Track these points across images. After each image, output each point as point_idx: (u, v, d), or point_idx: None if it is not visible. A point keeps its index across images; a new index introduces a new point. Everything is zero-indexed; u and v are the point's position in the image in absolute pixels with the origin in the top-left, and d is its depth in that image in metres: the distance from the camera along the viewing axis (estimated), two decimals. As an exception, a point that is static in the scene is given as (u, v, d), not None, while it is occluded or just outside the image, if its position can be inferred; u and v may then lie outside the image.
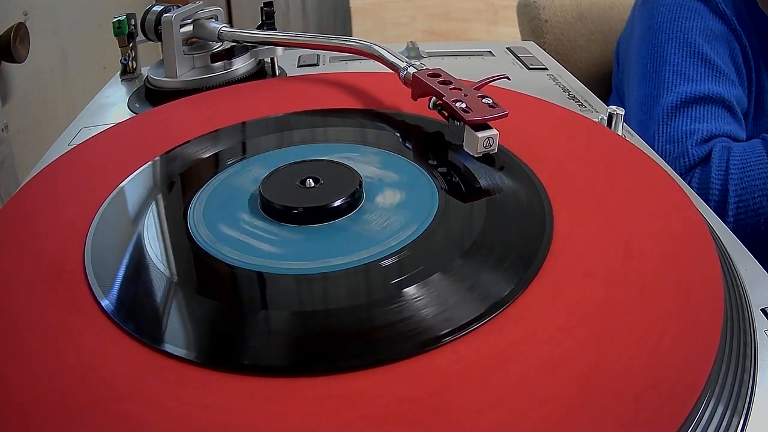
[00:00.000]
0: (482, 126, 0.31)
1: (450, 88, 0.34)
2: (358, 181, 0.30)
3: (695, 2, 0.66)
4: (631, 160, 0.33)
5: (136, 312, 0.24)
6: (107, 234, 0.28)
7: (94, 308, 0.24)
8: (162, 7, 0.49)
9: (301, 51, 0.58)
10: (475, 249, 0.26)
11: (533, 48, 0.60)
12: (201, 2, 0.51)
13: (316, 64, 0.55)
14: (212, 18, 0.51)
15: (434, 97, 0.34)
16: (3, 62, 0.67)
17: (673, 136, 0.60)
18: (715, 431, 0.19)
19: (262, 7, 0.51)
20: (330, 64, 0.56)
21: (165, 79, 0.48)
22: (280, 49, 0.50)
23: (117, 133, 0.39)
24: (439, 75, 0.36)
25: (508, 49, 0.60)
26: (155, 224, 0.29)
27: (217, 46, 0.50)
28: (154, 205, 0.31)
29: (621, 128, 0.38)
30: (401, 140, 0.36)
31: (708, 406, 0.20)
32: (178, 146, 0.36)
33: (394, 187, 0.30)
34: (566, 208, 0.28)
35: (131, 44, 0.53)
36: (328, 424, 0.19)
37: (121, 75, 0.54)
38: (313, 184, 0.30)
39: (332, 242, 0.27)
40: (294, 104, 0.40)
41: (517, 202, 0.29)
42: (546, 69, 0.54)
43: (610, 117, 0.38)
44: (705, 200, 0.48)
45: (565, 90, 0.49)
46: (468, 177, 0.31)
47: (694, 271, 0.24)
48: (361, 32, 1.78)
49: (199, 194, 0.31)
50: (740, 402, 0.21)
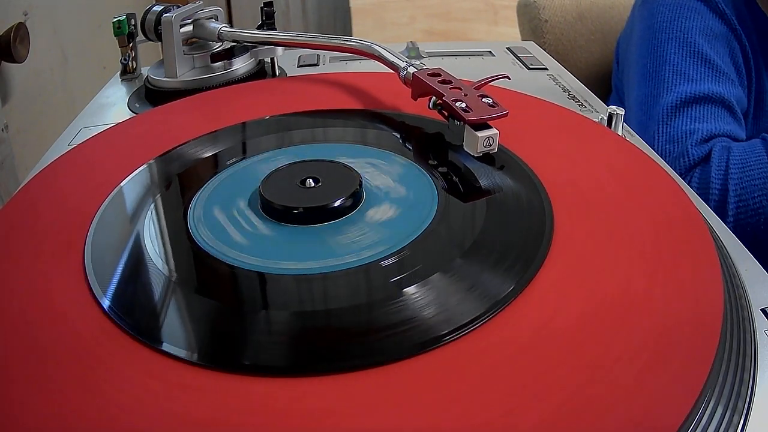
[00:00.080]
0: (482, 125, 0.31)
1: (450, 88, 0.34)
2: (358, 181, 0.30)
3: (695, 2, 0.66)
4: (631, 160, 0.33)
5: (135, 312, 0.24)
6: (107, 234, 0.28)
7: (94, 308, 0.24)
8: (162, 7, 0.49)
9: (301, 51, 0.58)
10: (475, 249, 0.26)
11: (533, 48, 0.60)
12: (201, 2, 0.51)
13: (316, 64, 0.55)
14: (212, 18, 0.51)
15: (434, 97, 0.34)
16: (3, 62, 0.67)
17: (673, 136, 0.60)
18: (715, 431, 0.19)
19: (262, 7, 0.51)
20: (330, 64, 0.56)
21: (165, 79, 0.48)
22: (280, 49, 0.50)
23: (117, 133, 0.39)
24: (439, 75, 0.36)
25: (508, 49, 0.60)
26: (155, 224, 0.29)
27: (217, 46, 0.50)
28: (153, 205, 0.31)
29: (621, 128, 0.38)
30: (401, 140, 0.36)
31: (708, 406, 0.20)
32: (177, 146, 0.36)
33: (394, 187, 0.31)
34: (566, 207, 0.28)
35: (131, 44, 0.53)
36: (328, 424, 0.19)
37: (121, 75, 0.54)
38: (313, 184, 0.30)
39: (332, 242, 0.27)
40: (294, 104, 0.40)
41: (517, 201, 0.29)
42: (546, 69, 0.54)
43: (610, 117, 0.38)
44: (705, 200, 0.48)
45: (565, 90, 0.49)
46: (468, 177, 0.31)
47: (694, 271, 0.25)
48: (361, 32, 1.78)
49: (198, 194, 0.31)
50: (740, 402, 0.21)
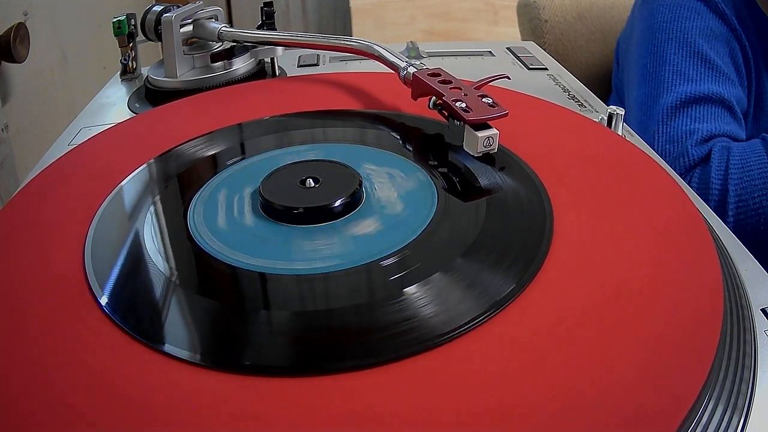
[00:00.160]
0: (482, 125, 0.31)
1: (450, 88, 0.34)
2: (358, 181, 0.30)
3: (695, 2, 0.66)
4: (631, 160, 0.33)
5: (136, 312, 0.24)
6: (107, 234, 0.28)
7: (94, 308, 0.24)
8: (162, 7, 0.49)
9: (301, 51, 0.58)
10: (475, 248, 0.26)
11: (533, 48, 0.60)
12: (201, 2, 0.51)
13: (316, 64, 0.55)
14: (212, 18, 0.51)
15: (434, 97, 0.34)
16: (3, 62, 0.67)
17: (673, 136, 0.60)
18: (715, 431, 0.19)
19: (262, 7, 0.51)
20: (330, 64, 0.56)
21: (165, 79, 0.48)
22: (280, 49, 0.50)
23: (117, 133, 0.39)
24: (439, 74, 0.36)
25: (508, 49, 0.60)
26: (155, 224, 0.29)
27: (217, 46, 0.50)
28: (153, 205, 0.31)
29: (621, 128, 0.38)
30: (401, 140, 0.36)
31: (708, 406, 0.20)
32: (177, 146, 0.36)
33: (394, 187, 0.31)
34: (566, 207, 0.28)
35: (131, 44, 0.53)
36: (328, 424, 0.19)
37: (121, 75, 0.54)
38: (313, 184, 0.30)
39: (332, 242, 0.27)
40: (294, 104, 0.40)
41: (517, 201, 0.29)
42: (546, 69, 0.54)
43: (610, 117, 0.38)
44: (705, 200, 0.48)
45: (565, 90, 0.49)
46: (468, 176, 0.31)
47: (694, 270, 0.25)
48: (361, 32, 1.78)
49: (199, 194, 0.31)
50: (740, 401, 0.21)
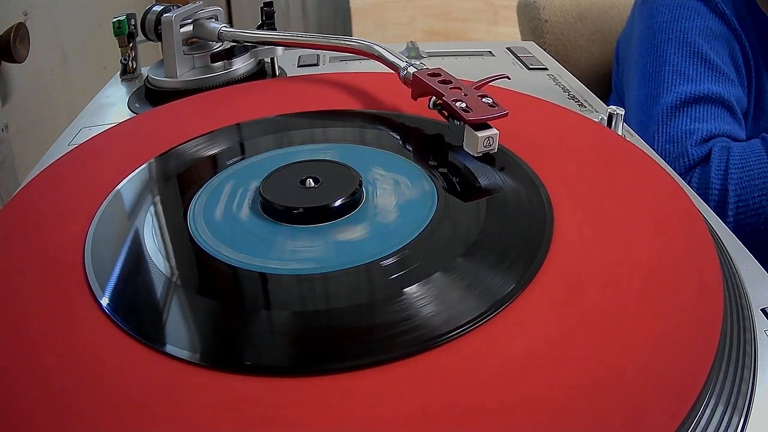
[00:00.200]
0: (482, 125, 0.31)
1: (450, 88, 0.34)
2: (358, 180, 0.30)
3: (695, 2, 0.66)
4: (631, 160, 0.33)
5: (136, 312, 0.24)
6: (107, 234, 0.28)
7: (94, 308, 0.24)
8: (162, 7, 0.49)
9: (301, 51, 0.58)
10: (475, 248, 0.26)
11: (533, 48, 0.60)
12: (201, 2, 0.51)
13: (316, 64, 0.55)
14: (212, 18, 0.51)
15: (434, 97, 0.34)
16: (3, 62, 0.67)
17: (673, 136, 0.60)
18: (715, 430, 0.19)
19: (262, 7, 0.51)
20: (330, 64, 0.56)
21: (165, 79, 0.48)
22: (280, 49, 0.50)
23: (117, 133, 0.39)
24: (439, 74, 0.36)
25: (508, 49, 0.60)
26: (155, 224, 0.29)
27: (217, 46, 0.50)
28: (153, 205, 0.31)
29: (621, 128, 0.38)
30: (401, 140, 0.36)
31: (708, 406, 0.20)
32: (177, 146, 0.36)
33: (394, 187, 0.31)
34: (566, 207, 0.28)
35: (131, 44, 0.53)
36: (328, 423, 0.19)
37: (121, 75, 0.54)
38: (313, 184, 0.30)
39: (332, 242, 0.27)
40: (294, 105, 0.40)
41: (517, 201, 0.29)
42: (546, 69, 0.54)
43: (610, 117, 0.38)
44: (705, 200, 0.48)
45: (565, 90, 0.49)
46: (468, 176, 0.31)
47: (694, 271, 0.25)
48: (361, 32, 1.78)
49: (199, 194, 0.31)
50: (740, 401, 0.21)
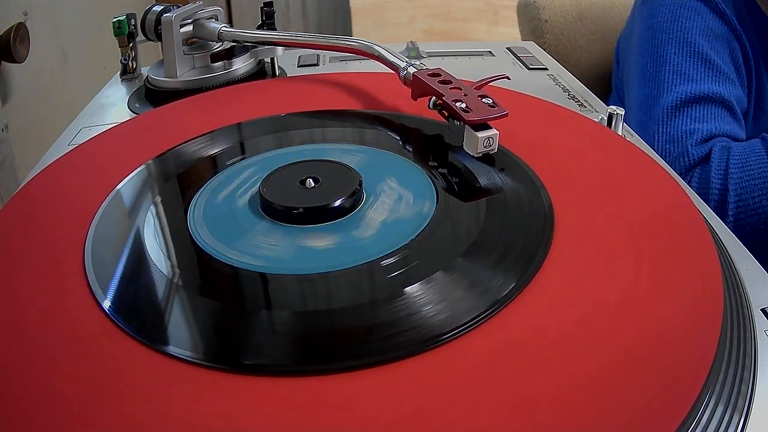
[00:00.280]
0: (482, 126, 0.31)
1: (450, 88, 0.34)
2: (358, 180, 0.30)
3: (695, 2, 0.66)
4: (631, 160, 0.33)
5: (137, 313, 0.24)
6: (107, 235, 0.28)
7: (94, 309, 0.24)
8: (162, 7, 0.49)
9: (301, 51, 0.58)
10: (475, 248, 0.26)
11: (533, 48, 0.60)
12: (201, 2, 0.51)
13: (316, 64, 0.55)
14: (212, 18, 0.51)
15: (434, 97, 0.34)
16: (3, 62, 0.67)
17: (673, 136, 0.60)
18: (715, 430, 0.19)
19: (262, 7, 0.51)
20: (330, 64, 0.56)
21: (165, 79, 0.48)
22: (280, 49, 0.50)
23: (117, 133, 0.39)
24: (439, 75, 0.36)
25: (508, 49, 0.60)
26: (155, 225, 0.29)
27: (217, 46, 0.50)
28: (154, 205, 0.31)
29: (621, 128, 0.38)
30: (401, 140, 0.36)
31: (708, 405, 0.20)
32: (177, 146, 0.36)
33: (394, 187, 0.31)
34: (566, 207, 0.28)
35: (131, 44, 0.53)
36: (329, 423, 0.19)
37: (121, 75, 0.54)
38: (313, 184, 0.30)
39: (332, 242, 0.27)
40: (294, 105, 0.40)
41: (517, 201, 0.29)
42: (546, 69, 0.54)
43: (610, 117, 0.38)
44: (705, 200, 0.48)
45: (565, 90, 0.49)
46: (468, 176, 0.31)
47: (694, 271, 0.25)
48: (361, 32, 1.78)
49: (199, 194, 0.31)
50: (740, 401, 0.21)
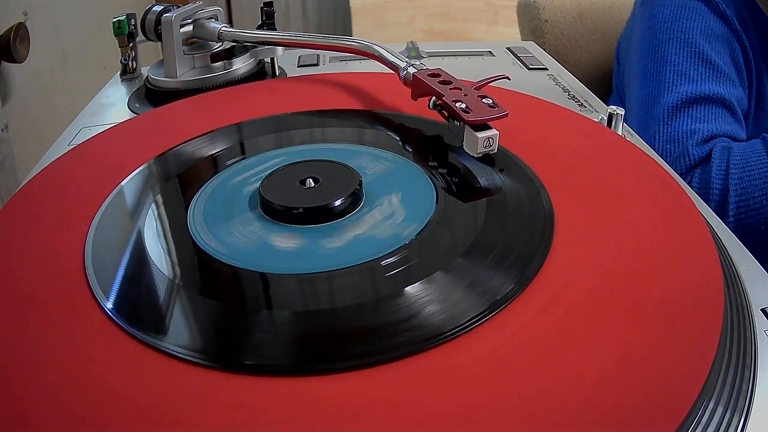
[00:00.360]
0: (482, 126, 0.31)
1: (450, 88, 0.34)
2: (358, 180, 0.30)
3: (696, 2, 0.66)
4: (631, 160, 0.33)
5: (137, 313, 0.23)
6: (107, 235, 0.28)
7: (95, 309, 0.24)
8: (162, 7, 0.49)
9: (301, 51, 0.58)
10: (475, 248, 0.26)
11: (533, 48, 0.60)
12: (201, 2, 0.51)
13: (316, 64, 0.55)
14: (212, 18, 0.51)
15: (434, 97, 0.34)
16: (3, 62, 0.67)
17: (674, 136, 0.60)
18: (715, 431, 0.19)
19: (262, 7, 0.51)
20: (330, 64, 0.56)
21: (165, 79, 0.48)
22: (280, 49, 0.50)
23: (117, 133, 0.39)
24: (439, 75, 0.36)
25: (508, 49, 0.60)
26: (155, 225, 0.29)
27: (217, 46, 0.50)
28: (154, 205, 0.31)
29: (621, 128, 0.38)
30: (401, 141, 0.36)
31: (708, 406, 0.20)
32: (177, 146, 0.36)
33: (394, 187, 0.30)
34: (566, 207, 0.28)
35: (131, 44, 0.53)
36: (329, 423, 0.19)
37: (121, 75, 0.54)
38: (313, 184, 0.30)
39: (332, 242, 0.27)
40: (294, 105, 0.40)
41: (517, 201, 0.29)
42: (546, 69, 0.54)
43: (610, 117, 0.38)
44: (705, 200, 0.48)
45: (565, 90, 0.49)
46: (468, 177, 0.31)
47: (694, 271, 0.24)
48: (361, 32, 1.78)
49: (199, 194, 0.31)
50: (740, 401, 0.21)
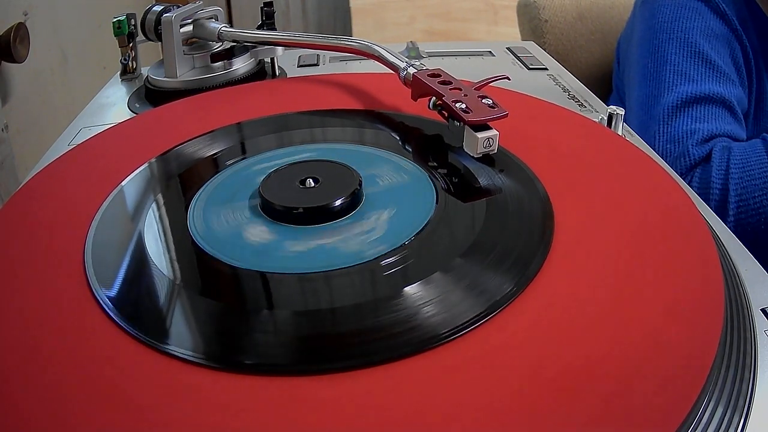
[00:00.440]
0: (482, 126, 0.31)
1: (450, 89, 0.34)
2: (358, 180, 0.30)
3: (696, 2, 0.66)
4: (631, 160, 0.33)
5: (137, 313, 0.24)
6: (108, 235, 0.28)
7: (95, 309, 0.24)
8: (162, 7, 0.49)
9: (301, 51, 0.58)
10: (475, 248, 0.26)
11: (533, 48, 0.60)
12: (201, 2, 0.51)
13: (316, 64, 0.55)
14: (212, 18, 0.51)
15: (434, 98, 0.34)
16: (3, 62, 0.67)
17: (674, 136, 0.60)
18: (715, 431, 0.19)
19: (262, 7, 0.51)
20: (330, 64, 0.56)
21: (165, 79, 0.48)
22: (280, 49, 0.50)
23: (117, 133, 0.39)
24: (439, 75, 0.36)
25: (508, 49, 0.60)
26: (155, 225, 0.29)
27: (217, 46, 0.50)
28: (154, 205, 0.31)
29: (621, 128, 0.38)
30: (401, 141, 0.36)
31: (708, 406, 0.20)
32: (177, 146, 0.36)
33: (393, 187, 0.30)
34: (566, 207, 0.28)
35: (131, 44, 0.53)
36: (329, 423, 0.19)
37: (121, 75, 0.54)
38: (313, 184, 0.30)
39: (332, 242, 0.27)
40: (294, 105, 0.40)
41: (517, 202, 0.29)
42: (546, 69, 0.54)
43: (610, 117, 0.38)
44: (705, 200, 0.48)
45: (565, 90, 0.49)
46: (468, 177, 0.31)
47: (694, 271, 0.24)
48: (361, 32, 1.78)
49: (199, 194, 0.31)
50: (740, 401, 0.21)
